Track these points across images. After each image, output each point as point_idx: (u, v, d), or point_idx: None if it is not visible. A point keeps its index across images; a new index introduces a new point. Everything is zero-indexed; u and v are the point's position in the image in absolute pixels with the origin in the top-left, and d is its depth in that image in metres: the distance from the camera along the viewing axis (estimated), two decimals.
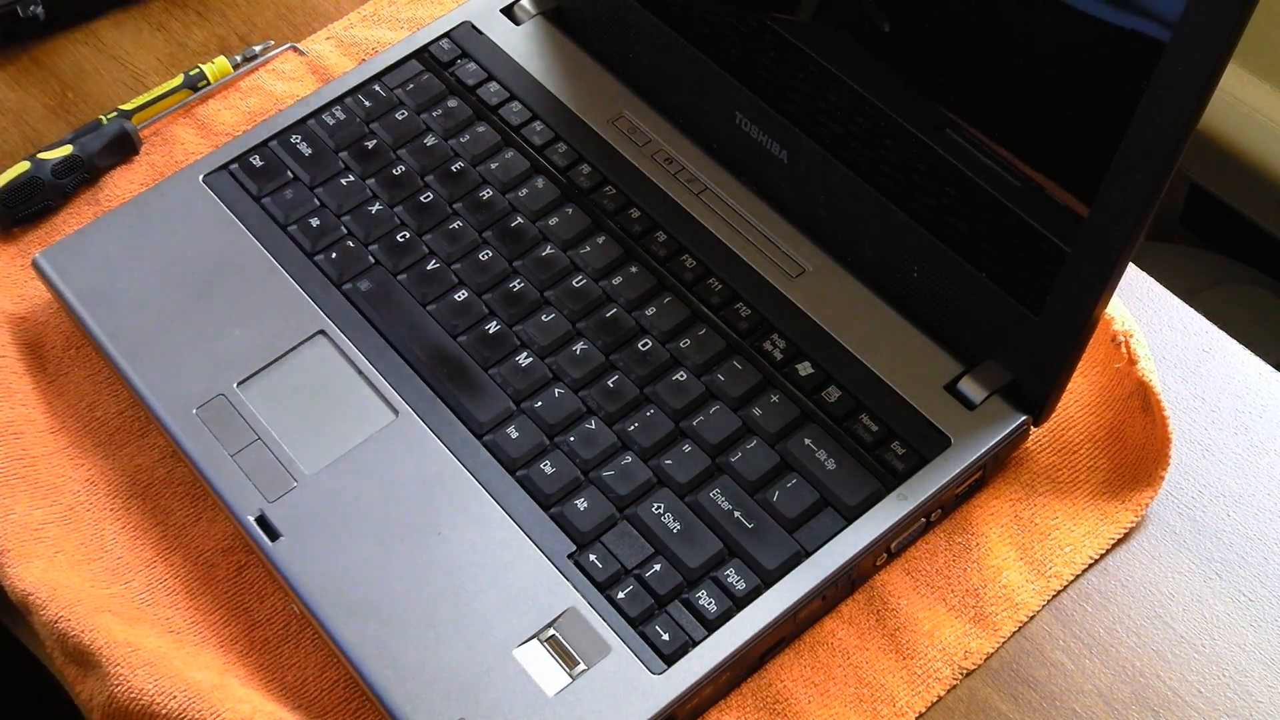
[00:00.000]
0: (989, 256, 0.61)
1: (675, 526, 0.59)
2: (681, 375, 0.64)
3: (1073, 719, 0.59)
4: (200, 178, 0.72)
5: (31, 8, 0.83)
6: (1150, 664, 0.60)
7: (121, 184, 0.76)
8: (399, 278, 0.68)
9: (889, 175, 0.64)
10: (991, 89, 0.58)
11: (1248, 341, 0.69)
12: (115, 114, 0.78)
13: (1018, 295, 0.60)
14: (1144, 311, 0.70)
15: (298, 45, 0.82)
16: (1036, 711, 0.59)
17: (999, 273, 0.60)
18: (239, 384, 0.64)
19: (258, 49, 0.82)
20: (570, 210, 0.70)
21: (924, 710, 0.58)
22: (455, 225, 0.70)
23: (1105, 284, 0.55)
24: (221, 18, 0.85)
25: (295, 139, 0.73)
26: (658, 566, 0.58)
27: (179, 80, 0.80)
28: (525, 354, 0.65)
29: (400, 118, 0.74)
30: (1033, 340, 0.60)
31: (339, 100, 0.75)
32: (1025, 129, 0.58)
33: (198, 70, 0.80)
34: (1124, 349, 0.64)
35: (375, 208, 0.70)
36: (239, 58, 0.81)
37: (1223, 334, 0.69)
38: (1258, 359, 0.69)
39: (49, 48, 0.84)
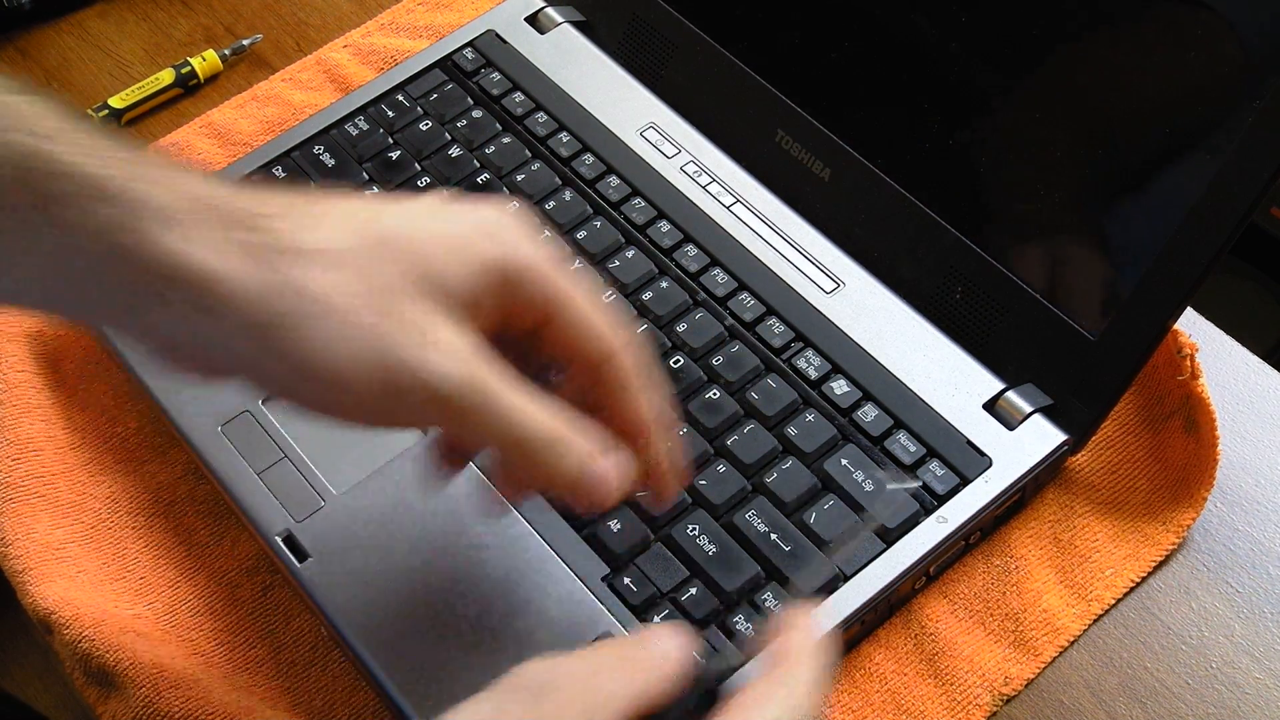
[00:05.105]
0: (1048, 277, 0.59)
1: (711, 549, 0.58)
2: (715, 393, 0.62)
3: (1060, 710, 0.58)
4: None
5: None
6: (1137, 655, 0.59)
7: None
8: None
9: (945, 194, 0.62)
10: (1070, 106, 0.57)
11: (1235, 334, 0.69)
12: (106, 112, 0.77)
13: (1075, 316, 0.59)
14: None
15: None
16: (1022, 703, 0.58)
17: (1056, 293, 0.59)
18: (264, 400, 0.63)
19: (246, 42, 0.81)
20: (599, 223, 0.69)
21: None
22: None
23: (1179, 307, 0.53)
24: (207, 7, 0.85)
25: (318, 149, 0.72)
26: (694, 590, 0.57)
27: (170, 77, 0.79)
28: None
29: (425, 128, 0.73)
30: (1085, 363, 0.59)
31: (362, 110, 0.74)
32: (1104, 148, 0.56)
33: (186, 65, 0.79)
34: (1189, 362, 0.62)
35: None
36: (227, 51, 0.81)
37: (1211, 325, 0.69)
38: (1246, 351, 0.68)
39: (34, 38, 0.84)
